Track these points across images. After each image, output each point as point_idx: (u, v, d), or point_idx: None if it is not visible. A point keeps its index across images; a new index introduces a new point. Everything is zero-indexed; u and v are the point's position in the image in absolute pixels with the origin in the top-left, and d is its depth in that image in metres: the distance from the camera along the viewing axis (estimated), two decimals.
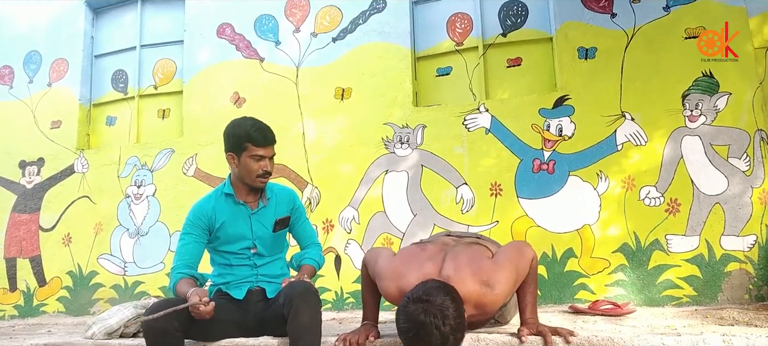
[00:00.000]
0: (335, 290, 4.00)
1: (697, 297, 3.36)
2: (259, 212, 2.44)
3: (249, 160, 2.33)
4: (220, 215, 2.40)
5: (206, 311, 2.06)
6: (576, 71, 3.77)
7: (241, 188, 2.42)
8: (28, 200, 4.96)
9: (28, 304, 4.79)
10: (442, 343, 1.79)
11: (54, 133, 5.00)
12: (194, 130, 4.60)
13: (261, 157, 2.33)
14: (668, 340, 1.95)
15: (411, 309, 1.83)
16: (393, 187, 4.03)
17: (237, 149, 2.34)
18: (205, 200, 2.46)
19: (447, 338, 1.80)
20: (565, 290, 3.58)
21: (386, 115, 4.13)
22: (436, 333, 1.78)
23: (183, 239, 2.40)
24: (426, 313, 1.80)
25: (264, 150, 2.34)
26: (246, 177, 2.37)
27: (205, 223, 2.39)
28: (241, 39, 4.60)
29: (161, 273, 4.43)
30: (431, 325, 1.78)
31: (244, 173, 2.35)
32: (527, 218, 3.71)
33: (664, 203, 3.50)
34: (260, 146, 2.32)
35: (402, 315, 1.87)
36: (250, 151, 2.32)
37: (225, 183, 2.46)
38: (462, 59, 4.18)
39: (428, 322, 1.79)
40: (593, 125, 3.68)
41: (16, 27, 5.36)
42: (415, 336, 1.81)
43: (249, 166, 2.33)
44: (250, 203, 2.44)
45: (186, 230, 2.40)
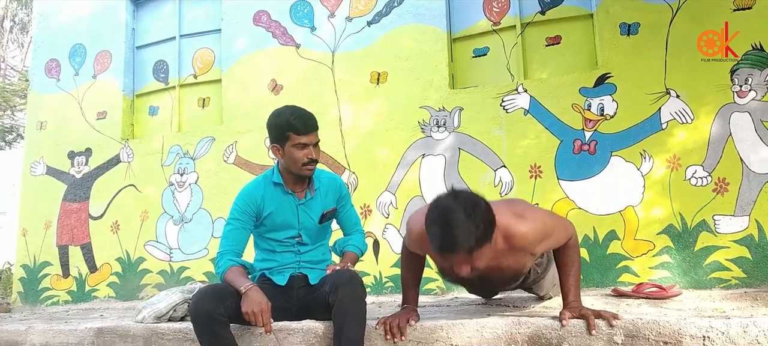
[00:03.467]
0: (374, 274, 4.03)
1: (746, 279, 3.25)
2: (307, 203, 2.44)
3: (293, 150, 2.32)
4: (268, 203, 2.41)
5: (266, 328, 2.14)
6: (618, 48, 3.66)
7: (288, 178, 2.42)
8: (77, 189, 5.15)
9: (80, 289, 4.99)
10: (469, 229, 1.76)
11: (100, 124, 5.16)
12: (233, 118, 4.67)
13: (305, 145, 2.31)
14: (716, 323, 1.89)
15: (441, 198, 1.86)
16: (430, 171, 4.01)
17: (280, 140, 2.34)
18: (254, 187, 2.46)
19: (476, 225, 1.76)
20: (608, 274, 3.52)
21: (422, 99, 4.10)
22: (463, 216, 1.75)
23: (231, 223, 2.42)
24: (455, 199, 1.80)
25: (307, 138, 2.31)
26: (292, 167, 2.36)
27: (253, 210, 2.41)
28: (277, 26, 4.63)
29: (205, 259, 4.55)
30: (459, 208, 1.77)
31: (290, 162, 2.35)
32: (568, 200, 3.65)
33: (711, 183, 3.39)
34: (303, 134, 2.30)
35: (432, 206, 1.86)
36: (293, 140, 2.30)
37: (273, 171, 2.46)
38: (499, 39, 4.11)
39: (456, 206, 1.78)
40: (636, 104, 3.57)
41: (60, 21, 5.52)
42: (442, 218, 1.79)
43: (294, 155, 2.32)
44: (298, 193, 2.44)
45: (234, 215, 2.42)
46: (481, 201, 1.84)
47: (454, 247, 1.79)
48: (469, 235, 1.76)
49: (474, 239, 1.77)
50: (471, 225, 1.76)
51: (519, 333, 2.09)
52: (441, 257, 1.91)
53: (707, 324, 1.90)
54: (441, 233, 1.80)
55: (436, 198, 1.87)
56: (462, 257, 1.82)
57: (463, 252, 1.80)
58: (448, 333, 2.16)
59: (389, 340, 2.19)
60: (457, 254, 1.81)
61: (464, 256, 1.81)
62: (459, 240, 1.77)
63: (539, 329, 2.07)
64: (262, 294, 2.19)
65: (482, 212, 1.80)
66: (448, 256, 1.85)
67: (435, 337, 2.17)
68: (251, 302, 2.14)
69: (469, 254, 1.80)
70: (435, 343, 2.17)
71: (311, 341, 2.28)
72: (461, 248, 1.78)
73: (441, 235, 1.80)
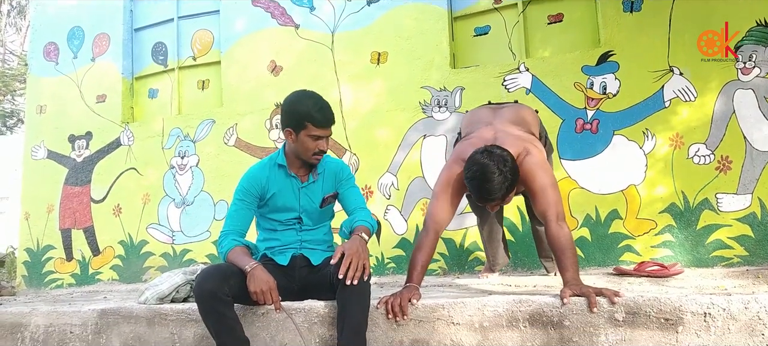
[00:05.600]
0: (376, 255, 4.04)
1: (748, 257, 3.25)
2: (308, 186, 2.45)
3: (306, 139, 2.31)
4: (272, 185, 2.42)
5: (276, 306, 2.17)
6: (621, 25, 3.63)
7: (294, 161, 2.43)
8: (78, 172, 5.15)
9: (83, 272, 5.02)
10: (502, 183, 2.24)
11: (100, 107, 5.14)
12: (233, 100, 4.65)
13: (319, 137, 2.31)
14: (718, 299, 1.89)
15: (476, 156, 2.29)
16: (431, 151, 4.00)
17: (296, 126, 2.31)
18: (259, 169, 2.47)
19: (506, 178, 2.24)
20: (610, 253, 3.52)
21: (423, 79, 4.07)
22: (497, 172, 2.22)
23: (236, 204, 2.43)
24: (489, 157, 2.26)
25: (323, 130, 2.31)
26: (302, 154, 2.36)
27: (257, 191, 2.42)
28: (276, 6, 4.59)
29: (207, 241, 4.56)
30: (494, 166, 2.23)
31: (301, 149, 2.35)
32: (570, 179, 3.64)
33: (714, 161, 3.37)
34: (320, 127, 2.30)
35: (468, 163, 2.31)
36: (309, 130, 2.29)
37: (279, 153, 2.46)
38: (501, 17, 4.07)
39: (491, 164, 2.23)
40: (639, 82, 3.54)
41: (58, 4, 5.48)
42: (481, 176, 2.24)
43: (306, 144, 2.32)
44: (301, 176, 2.45)
45: (239, 196, 2.43)
46: (508, 156, 2.29)
47: (491, 197, 2.29)
48: (501, 187, 2.25)
49: (505, 189, 2.27)
50: (503, 179, 2.24)
51: (520, 311, 2.09)
52: (479, 201, 2.39)
53: (708, 301, 1.89)
54: (480, 186, 2.27)
55: (473, 155, 2.31)
56: (496, 202, 2.37)
57: (497, 200, 2.33)
58: (450, 312, 2.16)
59: (391, 319, 2.20)
60: (493, 202, 2.35)
61: (498, 201, 2.36)
62: (494, 192, 2.26)
63: (540, 307, 2.07)
64: (268, 273, 2.19)
65: (511, 166, 2.27)
66: (484, 203, 2.38)
67: (436, 315, 2.18)
68: (258, 281, 2.15)
69: (502, 199, 2.35)
70: (436, 322, 2.17)
71: (313, 321, 2.29)
72: (496, 197, 2.30)
73: (480, 187, 2.28)
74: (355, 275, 2.12)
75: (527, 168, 2.39)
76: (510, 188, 2.28)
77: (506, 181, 2.24)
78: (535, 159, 2.44)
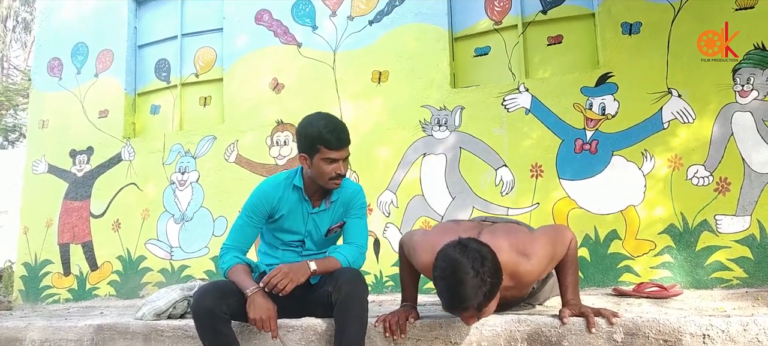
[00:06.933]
0: (375, 273, 4.03)
1: (747, 279, 3.24)
2: (319, 213, 2.39)
3: (322, 163, 2.22)
4: (282, 205, 2.36)
5: (273, 334, 2.14)
6: (620, 47, 3.66)
7: (311, 185, 2.35)
8: (79, 187, 5.15)
9: (81, 288, 5.00)
10: (478, 286, 1.77)
11: (102, 123, 5.16)
12: (235, 117, 4.67)
13: (334, 160, 2.22)
14: (717, 321, 1.89)
15: (448, 251, 1.85)
16: (431, 170, 4.01)
17: (309, 150, 2.23)
18: (272, 187, 2.38)
19: (484, 281, 1.78)
20: (609, 273, 3.51)
21: (423, 98, 4.10)
22: (471, 273, 1.77)
23: (242, 219, 2.38)
24: (463, 253, 1.81)
25: (338, 153, 2.21)
26: (318, 179, 2.28)
27: (266, 210, 2.36)
28: (279, 25, 4.63)
29: (206, 258, 4.55)
30: (468, 264, 1.78)
31: (317, 175, 2.26)
32: (569, 199, 3.64)
33: (713, 183, 3.38)
34: (334, 149, 2.20)
35: (439, 257, 1.86)
36: (323, 153, 2.20)
37: (297, 173, 2.39)
38: (501, 38, 4.11)
39: (465, 261, 1.79)
40: (638, 103, 3.56)
41: (63, 19, 5.53)
42: (451, 275, 1.80)
43: (321, 169, 2.23)
44: (314, 202, 2.38)
45: (247, 212, 2.37)
46: (487, 253, 1.85)
47: (464, 305, 1.81)
48: (477, 292, 1.79)
49: (483, 296, 1.80)
50: (479, 282, 1.78)
51: (518, 331, 2.08)
52: (449, 311, 1.91)
53: (707, 322, 1.89)
54: (450, 290, 1.82)
55: (445, 249, 1.87)
56: (471, 313, 1.85)
57: (472, 309, 1.83)
58: (448, 331, 2.15)
59: (389, 338, 2.19)
60: (467, 311, 1.85)
61: (473, 312, 1.85)
62: (468, 299, 1.79)
63: (539, 327, 2.06)
64: (268, 299, 2.17)
65: (490, 267, 1.82)
66: (456, 312, 1.89)
67: (434, 335, 2.17)
68: (258, 308, 2.13)
69: (478, 310, 1.84)
70: (434, 341, 2.17)
71: (310, 339, 2.28)
72: (471, 306, 1.81)
73: (450, 292, 1.83)
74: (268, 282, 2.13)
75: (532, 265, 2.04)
76: (488, 296, 1.81)
77: (484, 286, 1.79)
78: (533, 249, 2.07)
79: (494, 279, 1.82)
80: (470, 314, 1.86)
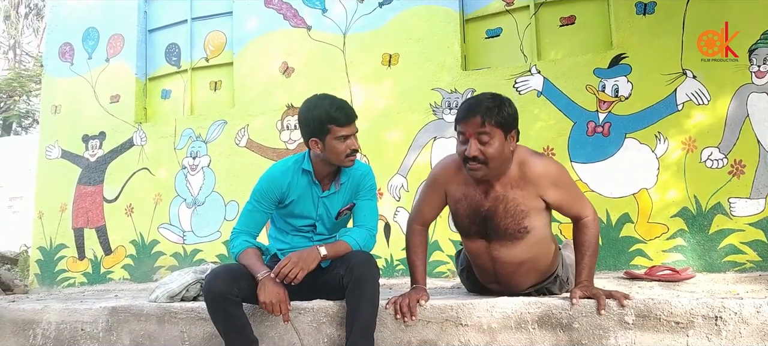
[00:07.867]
0: (385, 257, 4.04)
1: (761, 263, 3.21)
2: (329, 197, 2.39)
3: (335, 143, 2.23)
4: (292, 191, 2.36)
5: (284, 318, 2.17)
6: (633, 28, 3.60)
7: (321, 168, 2.36)
8: (92, 172, 5.20)
9: (95, 271, 5.06)
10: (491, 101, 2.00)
11: (113, 108, 5.19)
12: (245, 101, 4.68)
13: (346, 137, 2.24)
14: (729, 303, 1.87)
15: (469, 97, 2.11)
16: (442, 153, 3.97)
17: (320, 133, 2.24)
18: (281, 172, 2.38)
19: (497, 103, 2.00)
20: (621, 257, 3.49)
21: (434, 81, 4.07)
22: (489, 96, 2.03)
23: (252, 205, 2.38)
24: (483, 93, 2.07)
25: (348, 129, 2.23)
26: (334, 160, 2.28)
27: (276, 195, 2.36)
28: (288, 8, 4.61)
29: (218, 242, 4.58)
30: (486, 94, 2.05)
31: (332, 155, 2.26)
32: (581, 182, 3.62)
33: (727, 165, 3.34)
34: (344, 126, 2.22)
35: None
36: (335, 132, 2.21)
37: (305, 157, 2.38)
38: (512, 19, 4.06)
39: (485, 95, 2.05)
40: (652, 85, 3.52)
41: (73, 4, 5.54)
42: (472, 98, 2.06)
43: (336, 148, 2.24)
44: (324, 185, 2.38)
45: (256, 198, 2.38)
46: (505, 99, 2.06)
47: (476, 108, 2.00)
48: (490, 104, 2.00)
49: (495, 108, 1.99)
50: (495, 101, 2.01)
51: (529, 313, 2.08)
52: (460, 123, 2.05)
53: (720, 304, 1.88)
54: (467, 102, 2.06)
55: None
56: (478, 121, 1.99)
57: (480, 116, 1.98)
58: (458, 313, 2.16)
59: (399, 320, 2.20)
60: (476, 117, 1.99)
61: (480, 121, 1.99)
62: (481, 104, 2.00)
63: (549, 309, 2.06)
64: (279, 283, 2.18)
65: (508, 103, 2.05)
66: (466, 120, 2.02)
67: (444, 316, 2.17)
68: (269, 292, 2.14)
69: (485, 122, 1.98)
70: (444, 323, 2.17)
71: (322, 320, 2.30)
72: (480, 111, 1.99)
73: (467, 103, 2.06)
74: (280, 272, 2.15)
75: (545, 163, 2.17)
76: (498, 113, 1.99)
77: (496, 107, 1.99)
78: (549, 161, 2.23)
79: (509, 110, 2.03)
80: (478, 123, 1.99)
